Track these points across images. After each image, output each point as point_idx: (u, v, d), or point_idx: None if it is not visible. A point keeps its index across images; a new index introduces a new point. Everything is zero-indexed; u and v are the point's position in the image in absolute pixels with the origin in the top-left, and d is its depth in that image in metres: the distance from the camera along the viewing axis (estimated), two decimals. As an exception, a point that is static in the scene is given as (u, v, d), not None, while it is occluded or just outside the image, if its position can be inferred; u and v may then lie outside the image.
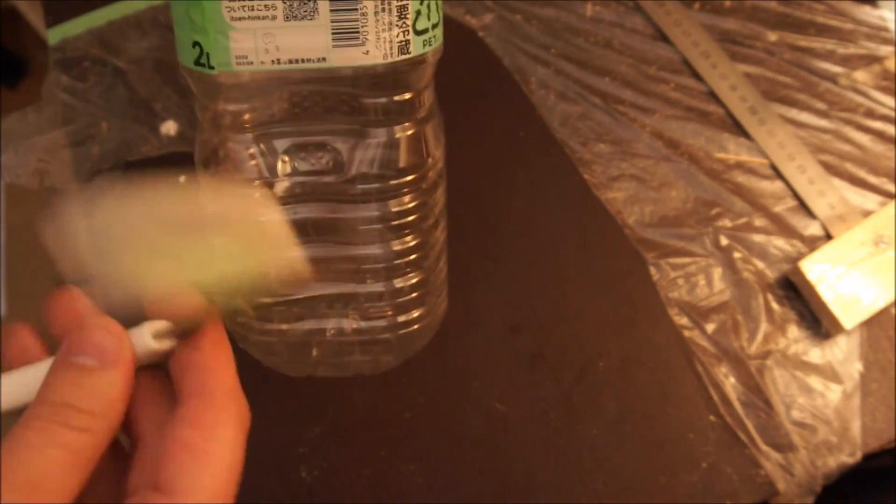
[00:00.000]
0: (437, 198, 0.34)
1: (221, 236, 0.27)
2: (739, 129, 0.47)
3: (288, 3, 0.26)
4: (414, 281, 0.34)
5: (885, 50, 0.49)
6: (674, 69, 0.49)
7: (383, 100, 0.30)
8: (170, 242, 0.25)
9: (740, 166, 0.46)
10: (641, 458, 0.40)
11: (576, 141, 0.47)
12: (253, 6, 0.26)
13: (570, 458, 0.40)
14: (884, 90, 0.48)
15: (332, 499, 0.39)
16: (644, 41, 0.49)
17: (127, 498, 0.21)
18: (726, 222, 0.44)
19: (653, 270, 0.43)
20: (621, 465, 0.39)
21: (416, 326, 0.35)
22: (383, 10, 0.27)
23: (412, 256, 0.33)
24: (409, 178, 0.32)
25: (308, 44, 0.27)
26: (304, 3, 0.26)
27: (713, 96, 0.48)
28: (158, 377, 0.24)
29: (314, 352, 0.35)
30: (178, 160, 0.47)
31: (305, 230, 0.32)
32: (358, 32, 0.27)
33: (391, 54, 0.27)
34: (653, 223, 0.44)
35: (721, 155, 0.46)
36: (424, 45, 0.28)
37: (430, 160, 0.32)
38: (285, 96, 0.30)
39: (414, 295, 0.34)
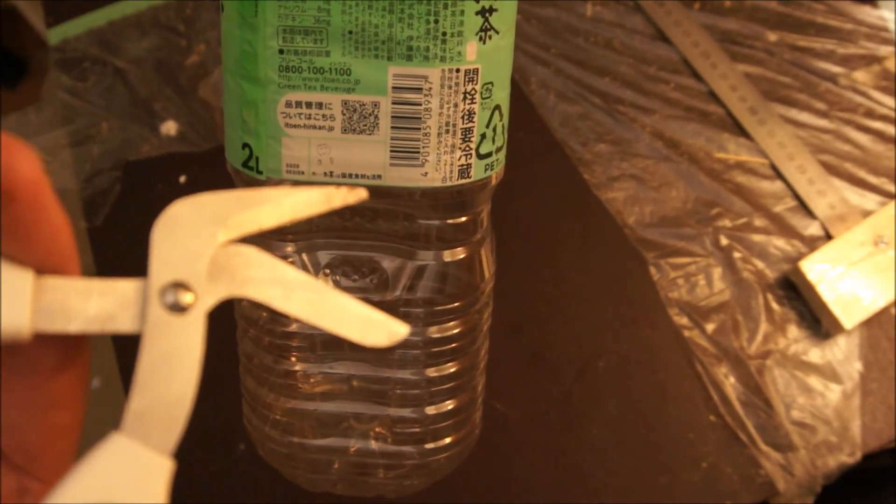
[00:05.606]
0: (485, 318, 0.32)
1: None
2: (739, 129, 0.47)
3: (347, 114, 0.24)
4: (449, 408, 0.31)
5: (885, 50, 0.49)
6: (674, 69, 0.48)
7: (437, 222, 0.28)
8: None
9: (740, 166, 0.46)
10: (641, 458, 0.40)
11: (576, 141, 0.47)
12: (310, 114, 0.24)
13: (570, 458, 0.40)
14: (884, 90, 0.48)
15: (332, 498, 0.39)
16: (644, 41, 0.49)
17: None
18: (726, 222, 0.44)
19: (653, 270, 0.43)
20: (621, 465, 0.39)
21: (446, 454, 0.32)
22: (447, 131, 0.25)
23: (450, 384, 0.31)
24: (458, 304, 0.29)
25: (364, 159, 0.25)
26: (365, 117, 0.24)
27: (713, 96, 0.48)
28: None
29: (335, 466, 0.32)
30: (178, 160, 0.47)
31: (337, 345, 0.30)
32: (418, 152, 0.25)
33: (451, 178, 0.26)
34: (653, 223, 0.44)
35: (721, 155, 0.46)
36: (486, 170, 0.27)
37: (482, 284, 0.30)
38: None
39: (448, 423, 0.32)
